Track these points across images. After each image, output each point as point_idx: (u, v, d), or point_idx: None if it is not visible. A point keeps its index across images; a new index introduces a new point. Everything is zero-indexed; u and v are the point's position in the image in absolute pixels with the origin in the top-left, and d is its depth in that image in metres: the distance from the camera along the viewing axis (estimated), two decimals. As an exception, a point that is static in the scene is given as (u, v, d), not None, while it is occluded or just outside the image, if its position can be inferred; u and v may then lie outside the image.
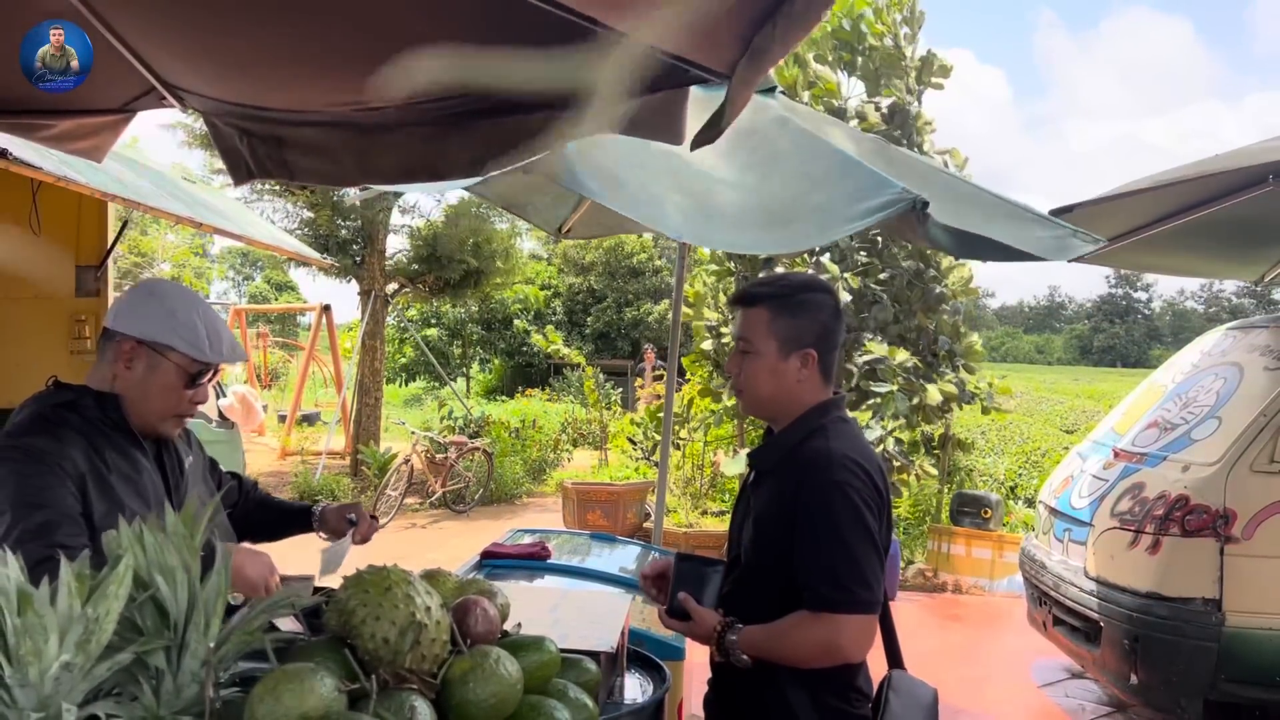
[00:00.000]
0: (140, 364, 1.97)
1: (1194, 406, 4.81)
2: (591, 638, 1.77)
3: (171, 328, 1.97)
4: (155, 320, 1.98)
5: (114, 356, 1.97)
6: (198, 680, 1.13)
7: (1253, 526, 4.20)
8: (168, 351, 1.97)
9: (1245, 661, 4.20)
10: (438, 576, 1.44)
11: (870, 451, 2.01)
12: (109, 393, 1.97)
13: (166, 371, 1.98)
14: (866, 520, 1.88)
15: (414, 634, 1.15)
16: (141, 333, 1.96)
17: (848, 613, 1.85)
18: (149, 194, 3.80)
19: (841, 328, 2.08)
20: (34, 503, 1.76)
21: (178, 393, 2.00)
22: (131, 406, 1.98)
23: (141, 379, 1.97)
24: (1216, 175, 4.28)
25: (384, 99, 2.89)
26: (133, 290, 2.10)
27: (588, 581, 3.25)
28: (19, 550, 1.53)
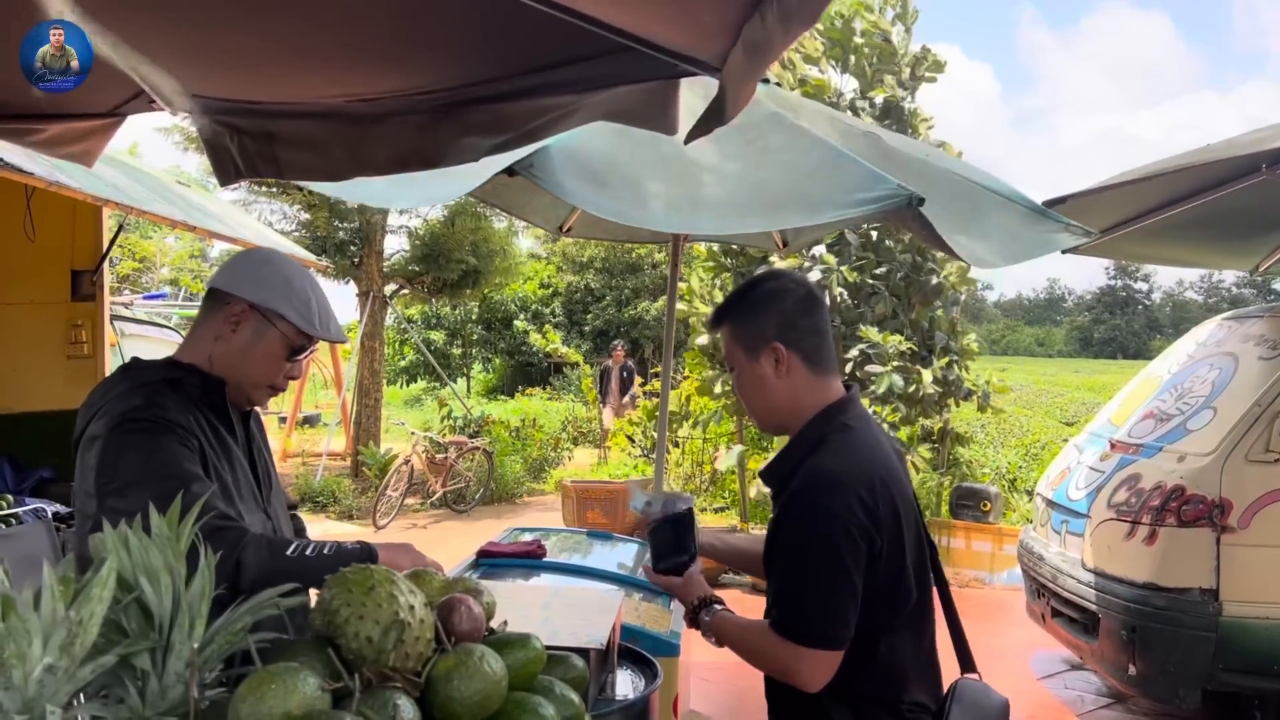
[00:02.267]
0: (247, 328, 1.95)
1: (1189, 397, 4.81)
2: (582, 635, 1.77)
3: (286, 296, 1.96)
4: (271, 286, 1.96)
5: (221, 317, 1.95)
6: (183, 681, 1.14)
7: (1248, 516, 4.21)
8: (278, 320, 1.95)
9: (1242, 651, 4.21)
10: (424, 575, 1.45)
11: (873, 462, 1.88)
12: (215, 376, 1.94)
13: (272, 340, 1.96)
14: (842, 553, 1.79)
15: (397, 633, 1.16)
16: (256, 297, 1.94)
17: (807, 646, 1.81)
18: (142, 198, 3.81)
19: (812, 311, 1.96)
20: (175, 474, 1.73)
21: (279, 363, 1.99)
22: (228, 371, 1.95)
23: (246, 344, 1.95)
24: (1210, 165, 4.28)
25: (377, 89, 2.90)
26: (246, 254, 2.10)
27: (584, 579, 3.25)
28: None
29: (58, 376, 5.14)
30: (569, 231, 5.85)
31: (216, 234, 4.48)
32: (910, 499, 1.93)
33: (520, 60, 2.69)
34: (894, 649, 1.89)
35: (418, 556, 1.85)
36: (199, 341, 1.98)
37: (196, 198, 4.81)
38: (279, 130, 3.21)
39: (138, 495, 1.55)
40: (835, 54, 8.54)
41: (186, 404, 1.88)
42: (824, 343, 1.97)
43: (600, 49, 2.49)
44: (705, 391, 8.48)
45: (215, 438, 1.92)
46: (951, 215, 3.55)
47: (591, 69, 2.61)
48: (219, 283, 2.00)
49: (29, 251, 4.80)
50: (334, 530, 10.23)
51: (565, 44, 2.56)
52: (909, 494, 1.94)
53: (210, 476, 1.84)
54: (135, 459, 1.75)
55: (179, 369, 1.94)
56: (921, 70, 8.57)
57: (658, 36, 2.19)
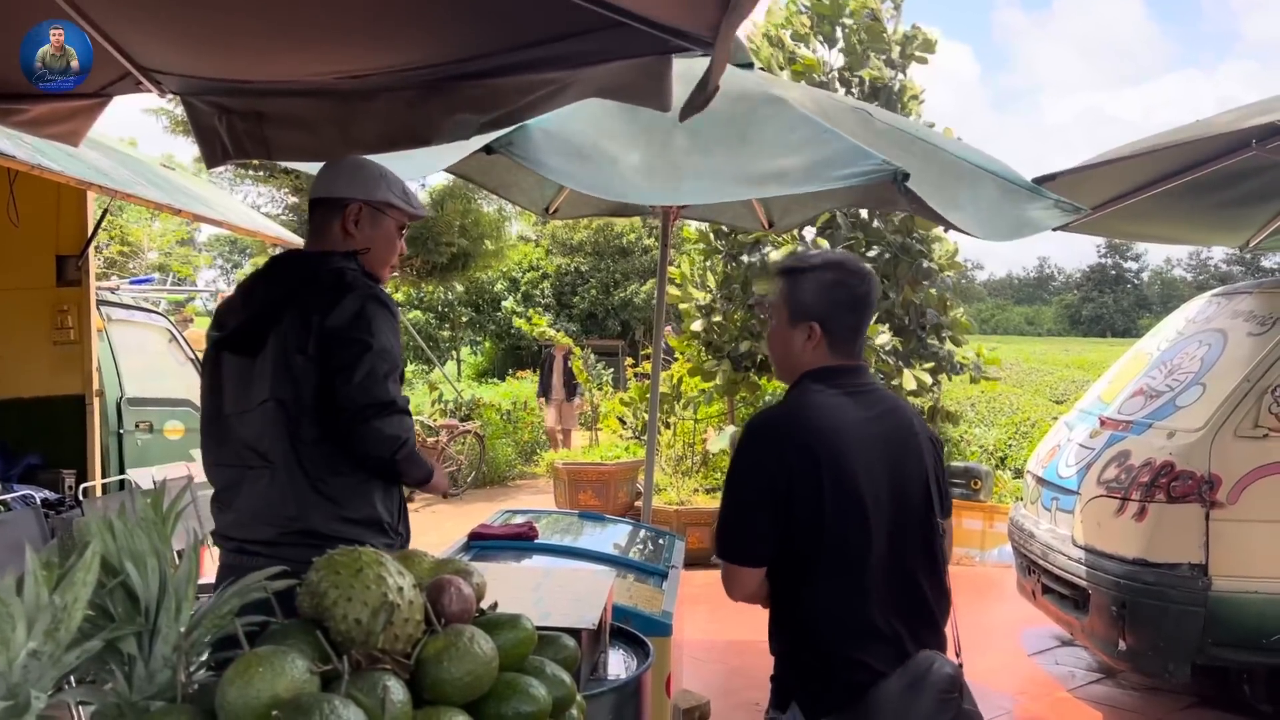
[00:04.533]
0: (365, 223, 2.33)
1: (1179, 373, 4.83)
2: (573, 615, 1.77)
3: (386, 186, 2.36)
4: (373, 182, 2.35)
5: (339, 220, 2.33)
6: (170, 665, 1.13)
7: (1237, 491, 4.23)
8: (386, 208, 2.35)
9: (1231, 625, 4.24)
10: (413, 557, 1.44)
11: (808, 419, 2.05)
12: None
13: (388, 225, 2.36)
14: (746, 485, 2.05)
15: (386, 614, 1.15)
16: (365, 195, 2.33)
17: (724, 560, 2.12)
18: (126, 181, 3.77)
19: (858, 310, 2.15)
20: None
21: (396, 243, 2.40)
22: (363, 261, 2.33)
23: (370, 236, 2.33)
24: (1199, 141, 4.28)
25: (366, 66, 2.87)
26: (336, 164, 2.45)
27: (576, 561, 3.25)
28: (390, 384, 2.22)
29: (44, 363, 5.11)
30: (555, 213, 5.82)
31: (202, 217, 4.44)
32: (864, 467, 2.02)
33: (510, 36, 2.67)
34: (815, 602, 2.01)
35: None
36: (330, 245, 2.34)
37: (183, 181, 4.76)
38: (268, 110, 3.17)
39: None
40: (825, 30, 8.49)
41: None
42: (855, 336, 2.16)
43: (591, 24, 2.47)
44: (698, 373, 8.48)
45: None
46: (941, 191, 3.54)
47: (583, 44, 2.58)
48: (327, 192, 2.38)
49: (13, 236, 4.76)
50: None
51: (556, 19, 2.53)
52: (860, 461, 2.01)
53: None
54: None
55: (350, 260, 2.32)
56: (911, 49, 8.54)
57: (649, 11, 2.17)
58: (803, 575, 2.02)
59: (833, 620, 2.01)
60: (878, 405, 2.14)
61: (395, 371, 2.27)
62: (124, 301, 5.91)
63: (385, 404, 2.24)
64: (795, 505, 1.98)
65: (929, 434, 2.20)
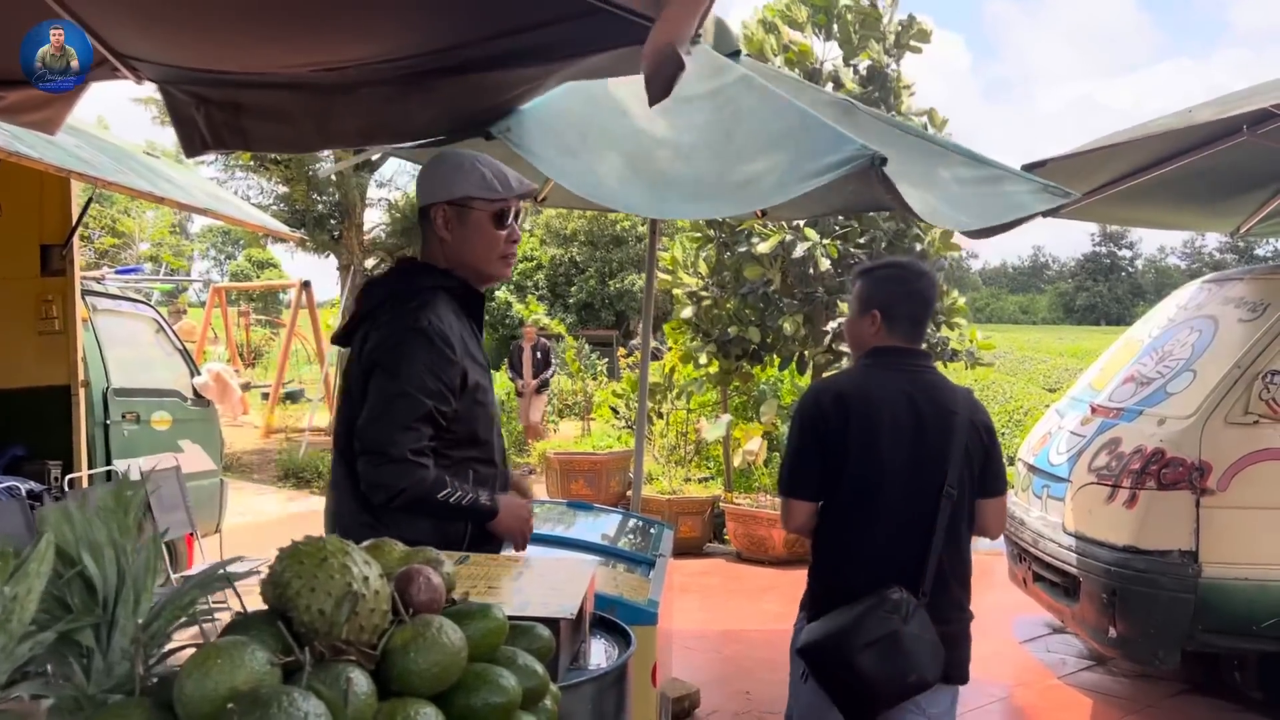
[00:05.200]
0: (455, 223, 2.25)
1: (1169, 360, 4.81)
2: (552, 604, 1.74)
3: (463, 180, 2.24)
4: (448, 181, 2.26)
5: (432, 228, 2.28)
6: (128, 658, 1.10)
7: (1227, 478, 4.21)
8: (469, 202, 2.24)
9: (1222, 612, 4.23)
10: (383, 546, 1.41)
11: (851, 383, 2.59)
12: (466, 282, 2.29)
13: (477, 219, 2.25)
14: (801, 431, 2.52)
15: (350, 604, 1.12)
16: (443, 196, 2.25)
17: (781, 494, 2.60)
18: (107, 169, 3.73)
19: (912, 298, 2.57)
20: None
21: (493, 235, 2.27)
22: (462, 262, 2.28)
23: (463, 235, 2.26)
24: (1191, 128, 4.25)
25: (344, 59, 2.84)
26: (422, 169, 2.39)
27: (562, 550, 3.24)
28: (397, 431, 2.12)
29: (28, 353, 5.07)
30: (543, 201, 5.80)
31: (185, 205, 4.39)
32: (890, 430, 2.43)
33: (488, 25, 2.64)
34: (829, 534, 2.51)
35: (520, 517, 2.28)
36: (434, 255, 2.30)
37: (167, 169, 4.72)
38: (246, 101, 3.14)
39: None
40: (821, 20, 8.44)
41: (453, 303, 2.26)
42: (912, 324, 2.57)
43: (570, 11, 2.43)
44: (690, 361, 8.45)
45: (472, 336, 2.29)
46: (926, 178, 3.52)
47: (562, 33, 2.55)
48: (420, 201, 2.31)
49: (-4, 226, 4.72)
50: (319, 505, 10.18)
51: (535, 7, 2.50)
52: (888, 425, 2.43)
53: (476, 372, 2.23)
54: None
55: (450, 278, 2.29)
56: (907, 38, 8.49)
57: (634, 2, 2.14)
58: (827, 511, 2.49)
59: (847, 556, 2.46)
60: (923, 383, 2.51)
61: (413, 416, 2.13)
62: (110, 291, 5.86)
63: (380, 451, 2.13)
64: (828, 451, 2.45)
65: (978, 420, 2.51)
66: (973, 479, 2.48)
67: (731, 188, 3.09)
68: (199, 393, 6.23)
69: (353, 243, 12.96)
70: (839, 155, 2.90)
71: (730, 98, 3.42)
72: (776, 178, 3.03)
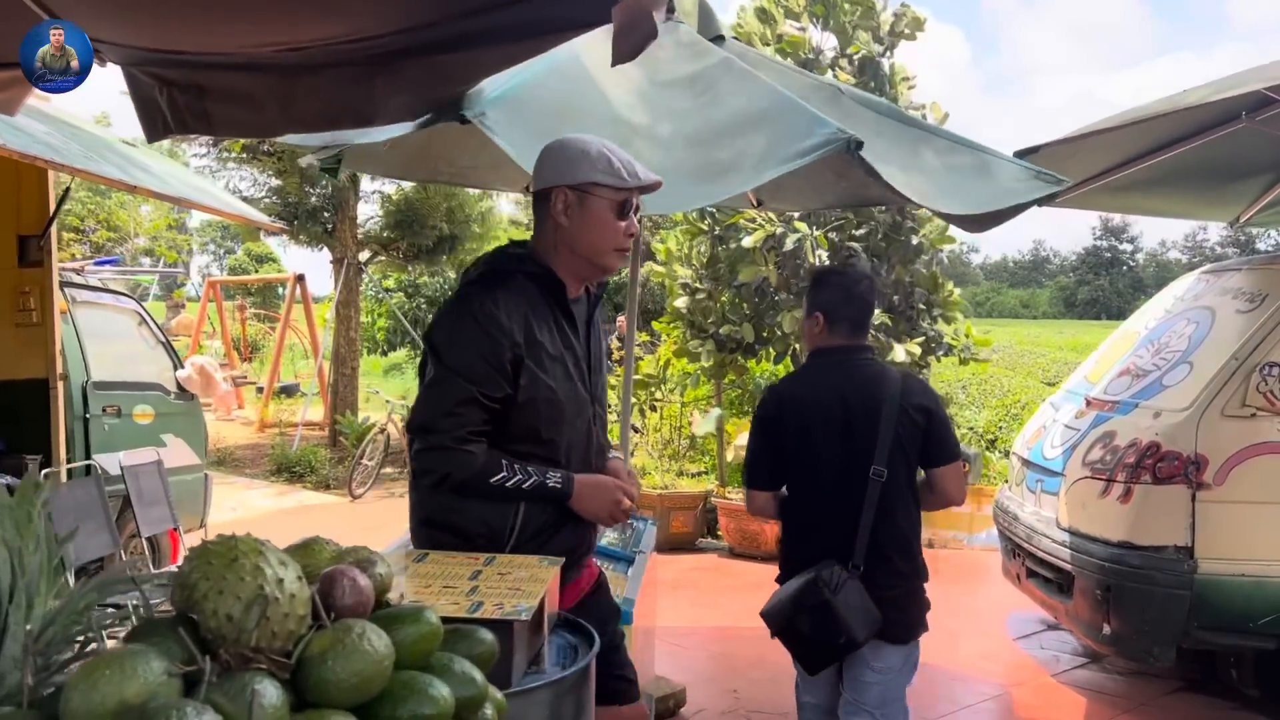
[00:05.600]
0: (574, 209, 2.15)
1: (1166, 352, 4.72)
2: (507, 605, 1.66)
3: (589, 165, 2.15)
4: (573, 164, 2.16)
5: (549, 212, 2.17)
6: (19, 666, 1.02)
7: (1224, 472, 4.13)
8: (593, 189, 2.15)
9: (1218, 608, 4.15)
10: (314, 545, 1.33)
11: (795, 385, 3.08)
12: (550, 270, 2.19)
13: (598, 208, 2.15)
14: (753, 430, 2.99)
15: (260, 608, 1.04)
16: (566, 179, 2.15)
17: (744, 485, 3.09)
18: (75, 156, 3.64)
19: (851, 301, 2.88)
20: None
21: (613, 225, 2.17)
22: (579, 250, 2.19)
23: (580, 222, 2.16)
24: (1188, 111, 4.15)
25: (307, 38, 2.75)
26: (543, 153, 2.26)
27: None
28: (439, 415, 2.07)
29: (6, 345, 5.00)
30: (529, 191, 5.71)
31: (160, 195, 4.30)
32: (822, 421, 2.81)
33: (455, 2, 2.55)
34: (785, 517, 2.97)
35: (608, 499, 2.20)
36: (545, 239, 2.20)
37: (145, 158, 4.62)
38: (209, 83, 3.06)
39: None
40: (818, 10, 8.34)
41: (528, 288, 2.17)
42: (852, 323, 2.88)
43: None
44: (684, 354, 8.35)
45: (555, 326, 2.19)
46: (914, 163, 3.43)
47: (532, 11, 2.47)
48: (537, 184, 2.22)
49: (-29, 217, 4.63)
50: (309, 500, 10.12)
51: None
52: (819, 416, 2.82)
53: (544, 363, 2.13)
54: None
55: (533, 263, 2.20)
56: (900, 27, 8.38)
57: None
58: (786, 496, 2.93)
59: (792, 531, 2.96)
60: (858, 377, 2.83)
61: (455, 400, 2.07)
62: (91, 283, 5.77)
63: (423, 435, 2.12)
64: (775, 446, 2.87)
65: (910, 403, 2.78)
66: (909, 458, 2.80)
67: (709, 175, 3.01)
68: (182, 386, 6.14)
69: (346, 236, 12.82)
70: (814, 139, 2.83)
71: (710, 81, 3.34)
72: (752, 162, 2.95)
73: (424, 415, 2.13)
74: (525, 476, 2.11)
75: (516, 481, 2.11)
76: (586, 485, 2.19)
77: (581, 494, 2.18)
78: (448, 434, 2.08)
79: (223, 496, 9.83)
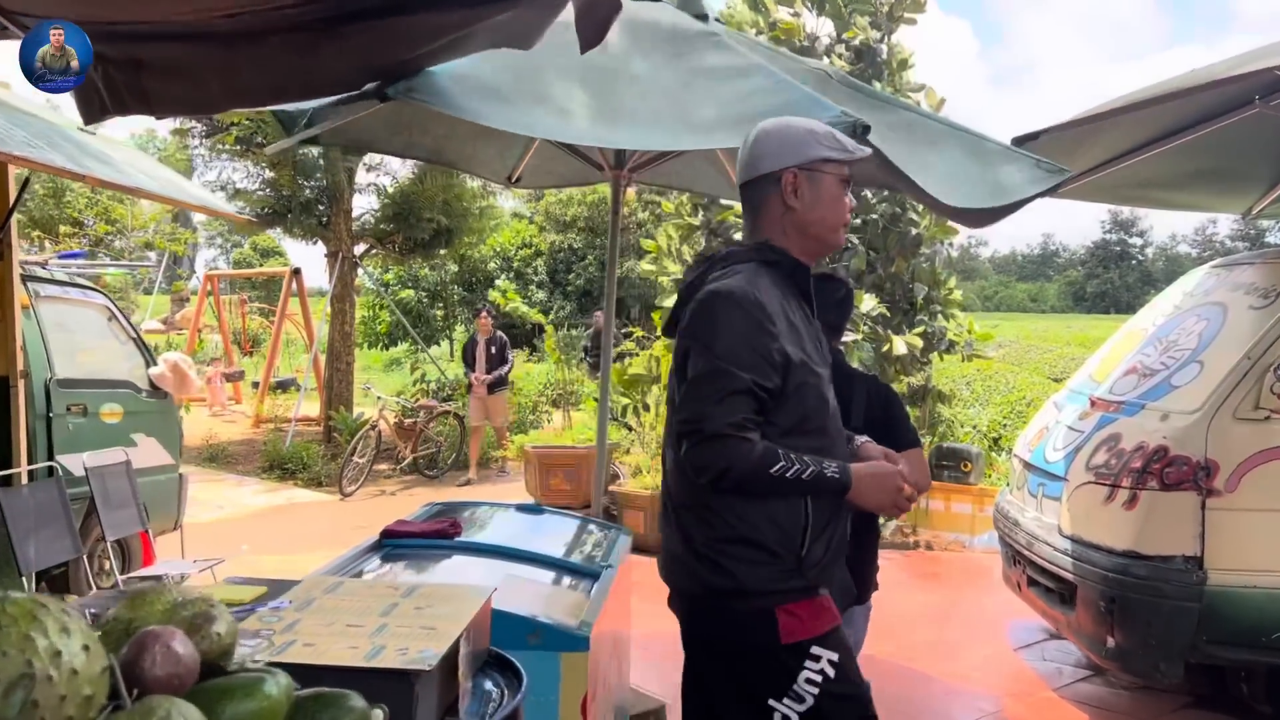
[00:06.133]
0: (804, 189, 2.08)
1: (1175, 350, 4.48)
2: (412, 652, 1.44)
3: (815, 141, 2.09)
4: (801, 143, 2.09)
5: (777, 194, 2.09)
6: None
7: (1236, 478, 3.90)
8: (823, 165, 2.09)
9: (1228, 622, 3.92)
10: (147, 596, 1.11)
11: None
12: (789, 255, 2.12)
13: (829, 184, 2.10)
14: None
15: (25, 691, 0.83)
16: (796, 159, 2.08)
17: None
18: (15, 142, 3.44)
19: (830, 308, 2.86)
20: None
21: (842, 201, 2.13)
22: (812, 232, 2.12)
23: (812, 202, 2.09)
24: (1197, 94, 3.90)
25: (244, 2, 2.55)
26: (754, 141, 2.15)
27: (501, 561, 2.94)
28: (710, 405, 1.96)
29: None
30: (518, 181, 5.52)
31: (108, 183, 4.09)
32: None
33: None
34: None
35: (889, 487, 2.06)
36: (770, 225, 2.12)
37: (101, 146, 4.41)
38: (147, 57, 2.86)
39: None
40: (812, -5, 8.10)
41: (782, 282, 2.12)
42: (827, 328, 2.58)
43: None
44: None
45: (800, 313, 2.13)
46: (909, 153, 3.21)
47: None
48: (754, 171, 2.11)
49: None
50: (299, 498, 9.93)
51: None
52: None
53: (805, 349, 2.07)
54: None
55: (775, 253, 2.12)
56: (900, 11, 8.14)
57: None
58: None
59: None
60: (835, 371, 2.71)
61: (727, 390, 1.96)
62: (56, 277, 5.56)
63: (696, 429, 1.98)
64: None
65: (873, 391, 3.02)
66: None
67: (696, 125, 2.82)
68: (155, 384, 5.94)
69: (341, 229, 12.61)
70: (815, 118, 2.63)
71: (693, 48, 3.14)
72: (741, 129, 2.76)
73: (695, 408, 2.00)
74: (803, 466, 1.99)
75: (796, 471, 1.98)
76: (865, 474, 2.07)
77: (861, 484, 2.05)
78: (723, 421, 1.96)
79: (210, 494, 9.65)
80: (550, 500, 8.04)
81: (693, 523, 2.07)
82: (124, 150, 4.90)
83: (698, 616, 2.15)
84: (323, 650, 1.44)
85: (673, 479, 2.15)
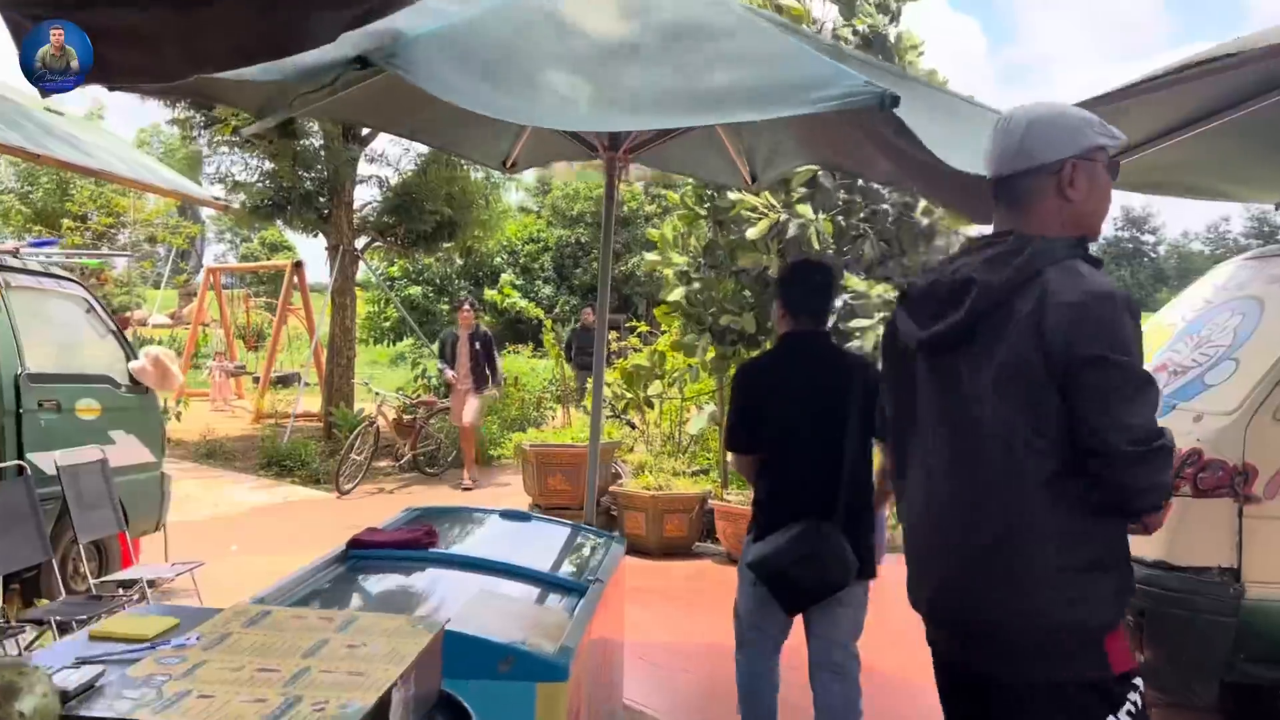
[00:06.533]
0: (1081, 179, 2.00)
1: (1207, 347, 4.21)
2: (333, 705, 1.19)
3: (1091, 131, 2.00)
4: (1078, 133, 2.00)
5: (1054, 186, 1.99)
6: None
7: (1276, 484, 3.65)
8: (1097, 154, 2.02)
9: (1267, 638, 3.68)
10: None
11: (766, 364, 3.54)
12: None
13: (1102, 173, 2.03)
14: (732, 402, 3.44)
15: None
16: (1076, 149, 1.99)
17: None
18: (-37, 121, 3.21)
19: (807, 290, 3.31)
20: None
21: (1110, 190, 2.07)
22: (1086, 224, 2.04)
23: (1089, 192, 2.02)
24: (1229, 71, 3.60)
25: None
26: (1028, 125, 2.03)
27: (478, 574, 2.69)
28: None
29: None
30: (513, 166, 5.31)
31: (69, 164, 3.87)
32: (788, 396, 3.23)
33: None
34: (761, 479, 3.32)
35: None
36: (1046, 219, 2.00)
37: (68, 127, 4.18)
38: (97, 23, 2.62)
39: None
40: (818, -19, 7.82)
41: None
42: (812, 313, 3.31)
43: None
44: (680, 347, 7.86)
45: None
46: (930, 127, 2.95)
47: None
48: (1028, 162, 1.99)
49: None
50: (295, 496, 9.69)
51: None
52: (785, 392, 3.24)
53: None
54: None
55: (1080, 245, 2.01)
56: (905, -7, 7.85)
57: None
58: (762, 462, 3.30)
59: (766, 489, 3.30)
60: (825, 356, 3.31)
61: (1155, 399, 1.93)
62: (29, 267, 5.32)
63: (1154, 444, 1.86)
64: (749, 417, 3.28)
65: (870, 376, 3.04)
66: (868, 427, 3.06)
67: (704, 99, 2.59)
68: (135, 378, 5.70)
69: (342, 222, 12.39)
70: (835, 89, 2.47)
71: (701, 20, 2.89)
72: (761, 100, 2.52)
73: (1148, 418, 1.89)
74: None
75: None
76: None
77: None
78: (1165, 437, 1.90)
79: (205, 492, 9.44)
80: (549, 502, 7.79)
81: (1051, 552, 1.89)
82: (95, 133, 4.67)
83: (1021, 653, 1.92)
84: (218, 706, 1.19)
85: (1011, 498, 1.93)
